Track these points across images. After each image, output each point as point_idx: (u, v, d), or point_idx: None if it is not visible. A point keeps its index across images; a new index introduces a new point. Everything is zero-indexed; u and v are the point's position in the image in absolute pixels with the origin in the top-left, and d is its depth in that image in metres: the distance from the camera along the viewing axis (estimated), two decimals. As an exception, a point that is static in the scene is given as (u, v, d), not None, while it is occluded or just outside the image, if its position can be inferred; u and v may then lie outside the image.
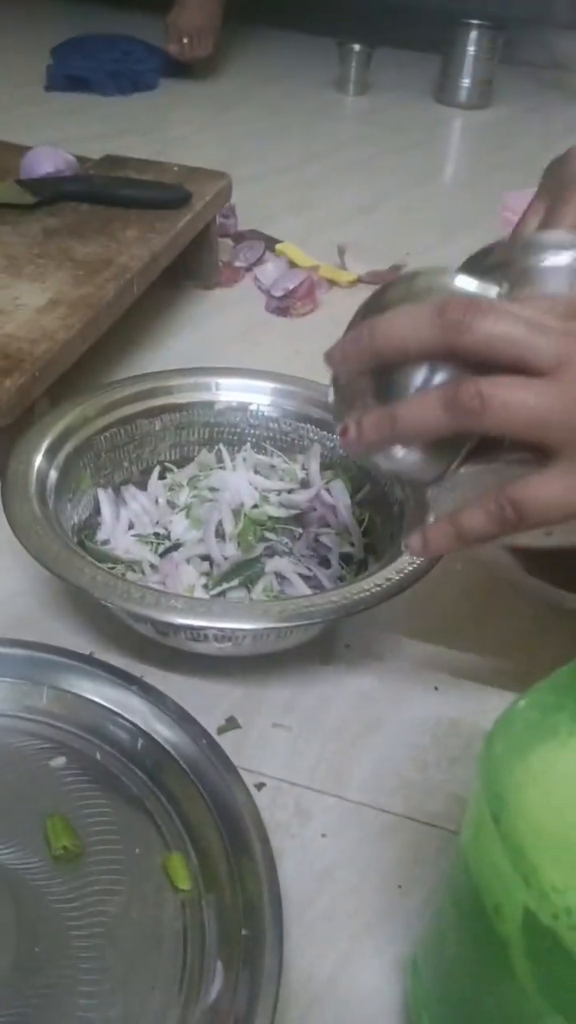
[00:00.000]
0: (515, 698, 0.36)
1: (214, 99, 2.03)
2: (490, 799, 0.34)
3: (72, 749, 0.56)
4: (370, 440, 0.47)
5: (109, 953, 0.46)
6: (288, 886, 0.51)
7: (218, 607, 0.57)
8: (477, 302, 0.44)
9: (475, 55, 2.06)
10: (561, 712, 0.32)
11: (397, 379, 0.47)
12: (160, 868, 0.50)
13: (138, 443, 0.75)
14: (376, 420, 0.47)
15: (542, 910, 0.31)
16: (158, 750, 0.55)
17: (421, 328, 0.44)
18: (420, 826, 0.55)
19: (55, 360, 0.76)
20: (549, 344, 0.43)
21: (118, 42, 2.05)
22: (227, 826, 0.51)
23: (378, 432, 0.47)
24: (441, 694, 0.64)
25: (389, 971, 0.48)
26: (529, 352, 0.43)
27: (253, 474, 0.75)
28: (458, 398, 0.43)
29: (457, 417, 0.44)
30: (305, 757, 0.59)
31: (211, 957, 0.46)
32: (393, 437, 0.47)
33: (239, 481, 0.73)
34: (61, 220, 0.98)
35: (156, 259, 0.94)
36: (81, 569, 0.58)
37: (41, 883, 0.49)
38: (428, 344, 0.45)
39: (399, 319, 0.45)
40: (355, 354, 0.47)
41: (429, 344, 0.45)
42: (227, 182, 1.13)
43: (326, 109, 2.06)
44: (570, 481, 0.44)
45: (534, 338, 0.43)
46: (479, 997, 0.37)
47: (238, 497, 0.71)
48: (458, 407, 0.43)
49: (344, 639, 0.67)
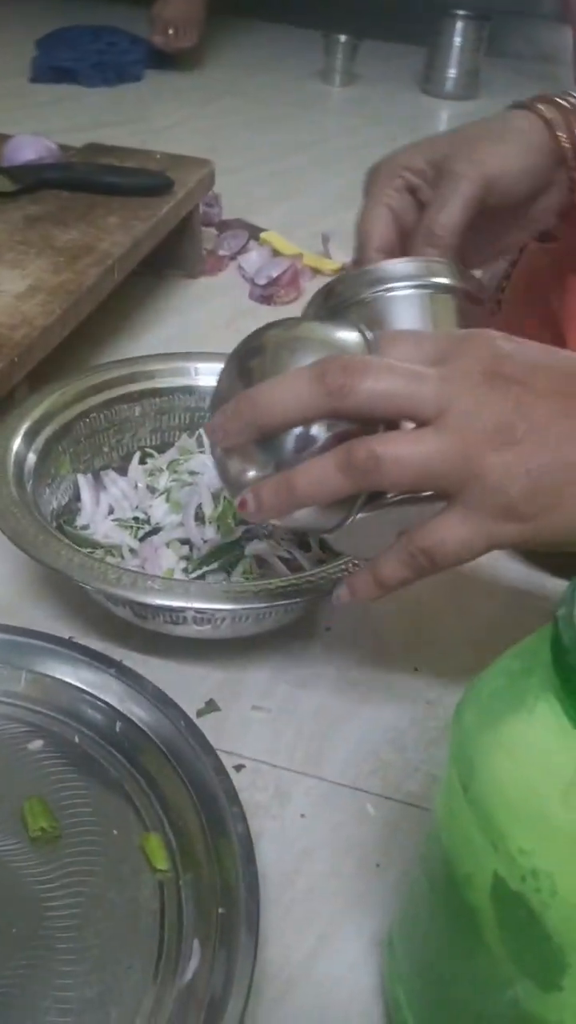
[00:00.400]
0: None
1: (199, 90, 2.02)
2: (459, 767, 0.34)
3: (50, 732, 0.56)
4: (270, 510, 0.47)
5: (86, 933, 0.46)
6: (267, 866, 0.51)
7: (196, 588, 0.56)
8: (353, 364, 0.43)
9: (461, 46, 2.06)
10: (529, 677, 0.32)
11: (282, 442, 0.46)
12: (138, 849, 0.50)
13: (118, 428, 0.75)
14: (274, 490, 0.46)
15: (510, 874, 0.31)
16: (136, 732, 0.55)
17: (303, 397, 0.44)
18: (398, 805, 0.55)
19: (34, 346, 0.75)
20: (429, 392, 0.43)
21: (103, 33, 2.04)
22: (205, 807, 0.51)
23: (277, 502, 0.46)
24: (420, 676, 0.64)
25: (367, 949, 0.48)
26: (411, 404, 0.43)
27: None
28: (352, 461, 0.43)
29: (354, 479, 0.44)
30: (284, 739, 0.59)
31: (188, 937, 0.46)
32: (292, 505, 0.46)
33: (219, 465, 0.72)
34: (42, 207, 0.98)
35: (138, 246, 0.94)
36: (59, 552, 0.57)
37: (18, 865, 0.49)
38: (312, 412, 0.44)
39: (278, 390, 0.45)
40: (238, 428, 0.47)
41: (313, 412, 0.44)
42: (210, 169, 1.13)
43: (312, 100, 2.06)
44: (474, 522, 0.44)
45: (414, 389, 0.43)
46: (452, 968, 0.37)
47: (217, 480, 0.71)
48: (353, 469, 0.43)
49: (324, 622, 0.67)
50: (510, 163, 0.57)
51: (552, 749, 0.30)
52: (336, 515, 0.48)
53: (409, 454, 0.43)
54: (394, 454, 0.43)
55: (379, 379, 0.43)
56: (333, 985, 0.47)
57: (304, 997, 0.46)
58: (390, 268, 0.54)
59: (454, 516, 0.45)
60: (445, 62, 2.09)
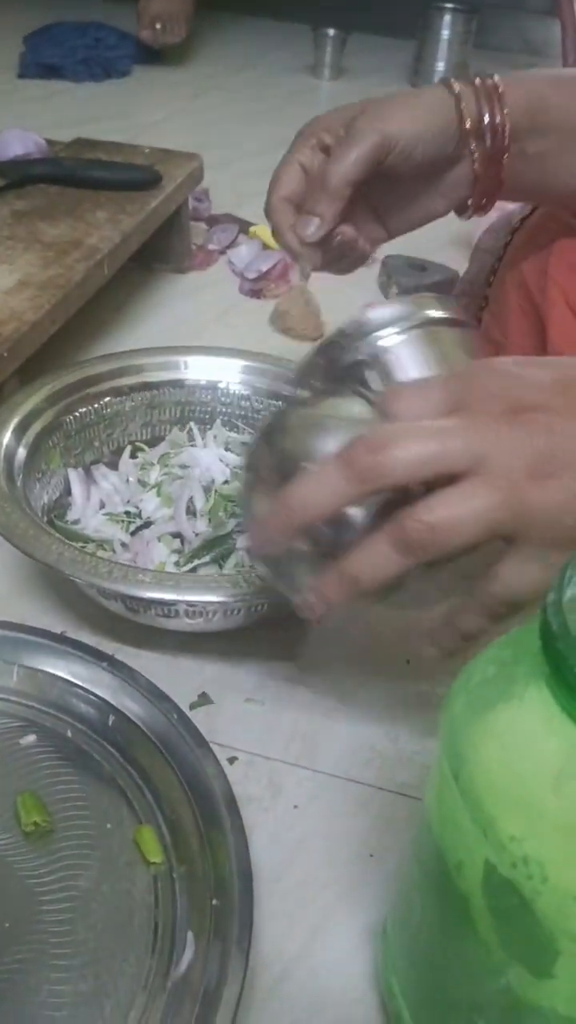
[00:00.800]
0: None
1: (187, 85, 2.02)
2: (450, 756, 0.34)
3: (43, 727, 0.56)
4: (338, 605, 0.46)
5: (80, 927, 0.46)
6: (260, 858, 0.51)
7: (187, 581, 0.56)
8: (375, 441, 0.42)
9: (449, 39, 2.06)
10: (518, 665, 0.32)
11: (329, 533, 0.45)
12: (131, 842, 0.50)
13: (108, 423, 0.75)
14: (336, 586, 0.45)
15: (501, 861, 0.31)
16: (129, 726, 0.55)
17: (337, 489, 0.43)
18: (392, 796, 0.55)
19: (23, 340, 0.75)
20: (459, 446, 0.42)
21: (90, 29, 2.04)
22: (198, 799, 0.51)
23: (343, 596, 0.45)
24: (413, 667, 0.64)
25: (361, 939, 0.48)
26: (445, 463, 0.42)
27: (224, 451, 0.75)
28: (407, 537, 0.42)
29: (414, 553, 0.42)
30: (277, 731, 0.59)
31: (182, 929, 0.46)
32: (359, 594, 0.45)
33: (210, 458, 0.72)
34: (30, 202, 0.98)
35: (127, 240, 0.94)
36: (50, 546, 0.57)
37: (12, 859, 0.49)
38: (349, 499, 0.43)
39: (311, 488, 0.44)
40: (280, 532, 0.46)
41: (350, 499, 0.43)
42: (198, 163, 1.12)
43: (301, 94, 2.05)
44: (542, 558, 0.43)
45: (443, 447, 0.41)
46: (445, 957, 0.37)
47: (209, 474, 0.71)
48: (411, 545, 0.42)
49: (317, 614, 0.67)
50: (409, 125, 0.60)
51: (542, 736, 0.30)
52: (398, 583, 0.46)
53: (461, 516, 0.41)
54: (447, 520, 0.41)
55: (406, 448, 0.41)
56: (327, 976, 0.47)
57: (298, 988, 0.46)
58: (377, 316, 0.53)
59: (521, 558, 0.44)
60: (433, 55, 2.09)
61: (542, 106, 0.62)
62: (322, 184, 0.60)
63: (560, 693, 0.30)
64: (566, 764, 0.29)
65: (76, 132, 1.23)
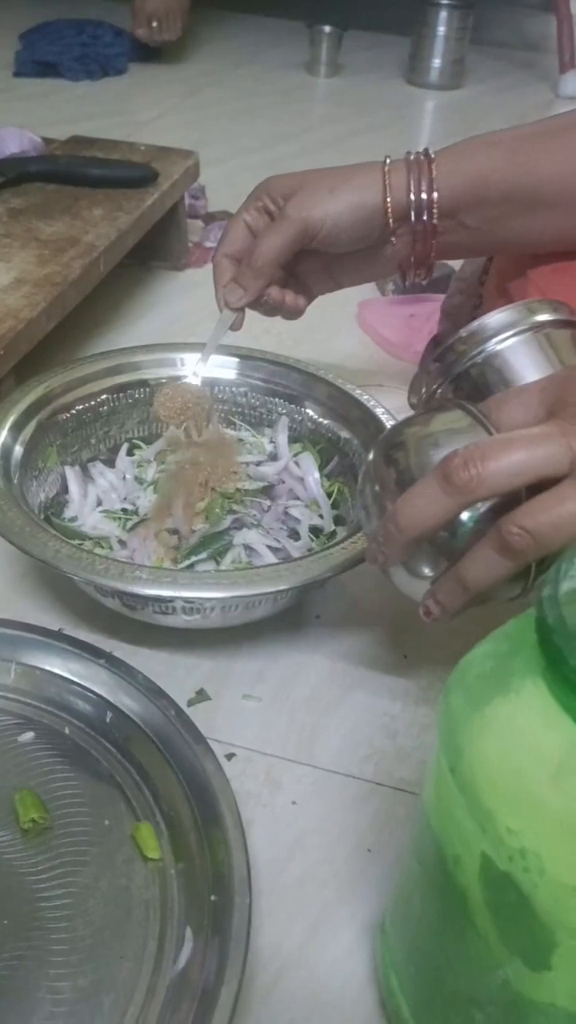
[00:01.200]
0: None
1: (184, 83, 2.01)
2: (447, 750, 0.34)
3: (40, 724, 0.56)
4: (454, 609, 0.50)
5: (78, 923, 0.46)
6: (259, 854, 0.51)
7: (184, 577, 0.56)
8: (471, 454, 0.44)
9: (445, 35, 2.05)
10: (515, 659, 0.32)
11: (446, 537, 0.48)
12: (129, 839, 0.50)
13: (105, 420, 0.75)
14: (450, 592, 0.49)
15: (498, 854, 0.31)
16: (127, 723, 0.55)
17: (441, 502, 0.45)
18: (390, 791, 0.55)
19: (20, 338, 0.75)
20: (556, 450, 0.44)
21: (86, 26, 2.03)
22: (196, 795, 0.51)
23: (457, 601, 0.49)
24: (410, 663, 0.64)
25: (359, 935, 0.48)
26: (544, 467, 0.44)
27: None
28: (511, 544, 0.44)
29: (518, 557, 0.45)
30: (275, 727, 0.59)
31: (180, 925, 0.46)
32: (472, 597, 0.48)
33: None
34: (26, 200, 0.98)
35: (123, 237, 0.94)
36: (46, 544, 0.57)
37: (10, 856, 0.49)
38: (452, 512, 0.46)
39: (416, 504, 0.46)
40: (394, 551, 0.49)
41: (453, 512, 0.46)
42: (194, 160, 1.12)
43: (297, 91, 2.05)
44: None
45: (540, 452, 0.44)
46: (444, 952, 0.37)
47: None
48: (515, 550, 0.44)
49: (314, 610, 0.67)
50: (331, 214, 0.64)
51: (538, 729, 0.30)
52: (516, 584, 0.48)
53: (559, 518, 0.43)
54: (545, 524, 0.43)
55: (502, 457, 0.43)
56: (326, 972, 0.47)
57: (297, 984, 0.46)
58: (491, 322, 0.55)
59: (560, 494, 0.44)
60: (430, 51, 2.08)
61: (482, 181, 0.63)
62: (250, 259, 0.66)
63: (556, 686, 0.30)
64: (563, 757, 0.29)
65: (72, 130, 1.23)
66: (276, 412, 0.77)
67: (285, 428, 0.75)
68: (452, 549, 0.48)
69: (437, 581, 0.49)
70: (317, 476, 0.72)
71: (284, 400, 0.76)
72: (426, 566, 0.49)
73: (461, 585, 0.48)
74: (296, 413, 0.76)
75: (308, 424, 0.75)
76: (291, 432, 0.75)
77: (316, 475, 0.72)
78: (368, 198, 0.64)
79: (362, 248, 0.67)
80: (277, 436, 0.75)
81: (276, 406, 0.77)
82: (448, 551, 0.48)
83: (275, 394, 0.76)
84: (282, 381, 0.76)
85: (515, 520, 0.44)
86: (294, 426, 0.76)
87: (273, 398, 0.77)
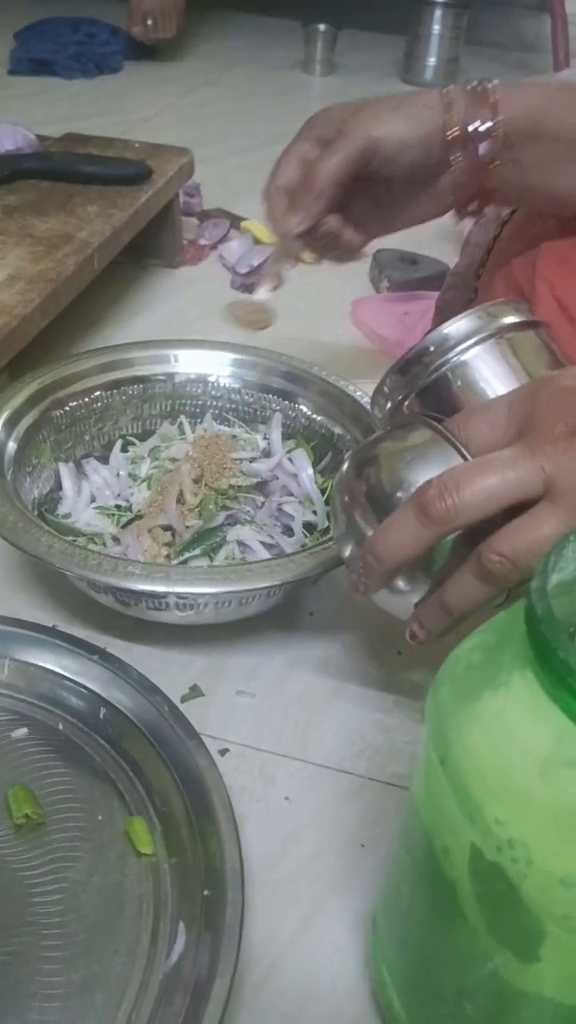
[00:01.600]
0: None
1: (179, 81, 2.01)
2: (437, 742, 0.34)
3: (34, 720, 0.56)
4: (439, 632, 0.50)
5: (71, 919, 0.46)
6: (252, 849, 0.51)
7: (177, 573, 0.56)
8: (445, 484, 0.44)
9: (440, 34, 2.06)
10: (504, 651, 0.32)
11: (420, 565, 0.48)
12: (122, 834, 0.50)
13: (99, 417, 0.75)
14: (433, 616, 0.49)
15: (487, 845, 0.31)
16: (120, 719, 0.55)
17: (417, 534, 0.46)
18: (383, 787, 0.56)
19: (14, 335, 0.75)
20: (526, 473, 0.44)
21: (82, 25, 2.03)
22: (189, 791, 0.51)
23: (442, 624, 0.49)
24: (404, 658, 0.64)
25: (351, 930, 0.48)
26: (516, 492, 0.44)
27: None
28: (491, 571, 0.45)
29: (500, 583, 0.45)
30: (268, 723, 0.59)
31: (173, 920, 0.46)
32: (457, 620, 0.49)
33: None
34: (20, 197, 0.98)
35: (117, 234, 0.94)
36: (39, 539, 0.57)
37: (3, 851, 0.49)
38: (429, 542, 0.46)
39: (393, 536, 0.47)
40: (374, 581, 0.49)
41: (430, 541, 0.46)
42: (189, 158, 1.12)
43: (292, 90, 2.05)
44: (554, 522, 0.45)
45: (512, 477, 0.44)
46: (434, 944, 0.37)
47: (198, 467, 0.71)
48: (495, 576, 0.45)
49: (308, 607, 0.67)
50: (395, 131, 0.61)
51: (527, 721, 0.30)
52: (499, 592, 0.48)
53: (536, 542, 0.43)
54: (523, 549, 0.44)
55: (476, 485, 0.44)
56: (318, 966, 0.47)
57: (289, 978, 0.47)
58: (453, 331, 0.54)
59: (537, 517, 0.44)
60: (424, 51, 2.09)
61: (542, 116, 0.62)
62: (309, 182, 0.62)
63: (545, 678, 0.30)
64: (551, 748, 0.29)
65: (67, 128, 1.23)
66: (270, 409, 0.77)
67: (279, 425, 0.75)
68: (432, 570, 0.49)
69: (421, 605, 0.50)
70: (311, 472, 0.72)
71: (278, 397, 0.76)
72: (407, 587, 0.50)
73: (444, 610, 0.48)
74: (290, 410, 0.76)
75: (302, 421, 0.75)
76: (285, 429, 0.75)
77: (310, 471, 0.72)
78: (428, 117, 0.62)
79: (417, 179, 0.65)
80: (271, 432, 0.75)
81: (270, 403, 0.77)
82: (428, 571, 0.49)
83: (269, 391, 0.77)
84: (276, 378, 0.76)
85: (493, 547, 0.44)
86: (288, 423, 0.76)
87: (267, 395, 0.77)
